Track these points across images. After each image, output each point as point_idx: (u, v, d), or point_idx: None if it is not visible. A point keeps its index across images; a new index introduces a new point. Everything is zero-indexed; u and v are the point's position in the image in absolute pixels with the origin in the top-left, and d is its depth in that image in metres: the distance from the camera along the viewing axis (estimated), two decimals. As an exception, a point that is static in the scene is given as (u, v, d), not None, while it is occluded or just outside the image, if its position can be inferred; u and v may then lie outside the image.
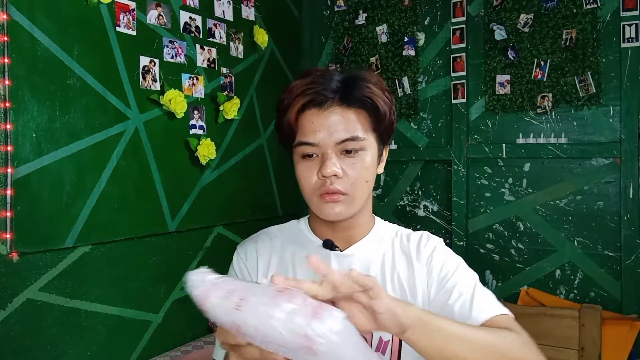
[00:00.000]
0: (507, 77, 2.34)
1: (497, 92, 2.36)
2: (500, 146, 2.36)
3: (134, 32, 1.87)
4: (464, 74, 2.45)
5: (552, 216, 2.27)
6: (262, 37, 2.47)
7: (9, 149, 1.50)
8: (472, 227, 2.45)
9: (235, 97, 2.30)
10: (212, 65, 2.21)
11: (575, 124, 2.23)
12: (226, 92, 2.27)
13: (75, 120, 1.68)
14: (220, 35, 2.25)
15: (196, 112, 2.12)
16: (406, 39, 2.57)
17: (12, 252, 1.52)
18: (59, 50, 1.63)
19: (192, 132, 2.10)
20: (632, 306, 2.09)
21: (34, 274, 1.58)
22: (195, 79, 2.11)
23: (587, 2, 2.17)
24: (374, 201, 1.05)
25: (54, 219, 1.62)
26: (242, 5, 2.39)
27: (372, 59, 2.67)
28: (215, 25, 2.23)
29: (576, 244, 2.22)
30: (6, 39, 1.49)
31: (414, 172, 2.62)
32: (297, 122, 0.87)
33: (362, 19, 2.69)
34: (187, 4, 2.09)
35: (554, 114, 2.27)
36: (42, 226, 1.59)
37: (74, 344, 1.68)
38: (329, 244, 0.93)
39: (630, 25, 2.09)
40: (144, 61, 1.91)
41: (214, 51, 2.22)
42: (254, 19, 2.46)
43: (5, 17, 1.49)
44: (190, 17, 2.11)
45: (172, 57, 2.02)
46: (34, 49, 1.57)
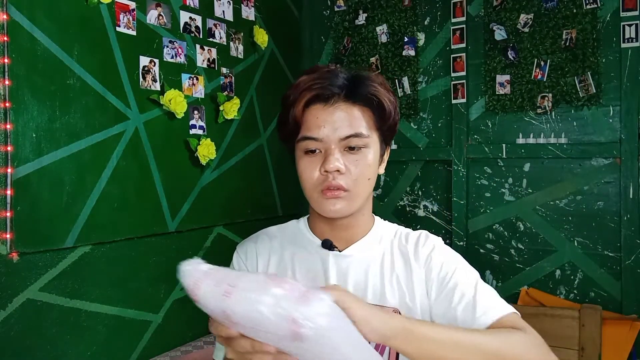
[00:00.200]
0: (507, 77, 2.34)
1: (497, 92, 2.36)
2: (500, 146, 2.36)
3: (134, 32, 1.87)
4: (464, 74, 2.45)
5: (552, 216, 2.27)
6: (262, 37, 2.47)
7: (9, 149, 1.50)
8: (472, 227, 2.45)
9: (235, 97, 2.30)
10: (212, 65, 2.21)
11: (575, 124, 2.23)
12: (226, 92, 2.28)
13: (75, 120, 1.68)
14: (220, 35, 2.25)
15: (196, 112, 2.12)
16: (406, 39, 2.57)
17: (12, 252, 1.52)
18: (59, 50, 1.63)
19: (192, 132, 2.10)
20: (632, 306, 2.08)
21: (34, 274, 1.58)
22: (195, 79, 2.11)
23: (587, 2, 2.17)
24: (373, 201, 1.04)
25: (54, 219, 1.62)
26: (242, 5, 2.39)
27: (372, 59, 2.67)
28: (215, 25, 2.23)
29: (576, 244, 2.22)
30: (6, 39, 1.50)
31: (414, 172, 2.62)
32: (303, 117, 0.87)
33: (362, 19, 2.69)
34: (187, 4, 2.09)
35: (554, 114, 2.26)
36: (42, 226, 1.59)
37: (74, 344, 1.68)
38: (327, 244, 0.93)
39: (630, 25, 2.09)
40: (144, 61, 1.91)
41: (214, 51, 2.22)
42: (254, 19, 2.46)
43: (5, 17, 1.49)
44: (190, 17, 2.11)
45: (172, 57, 2.02)
46: (34, 49, 1.57)
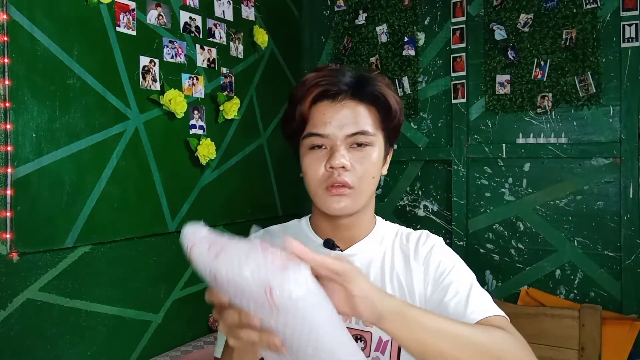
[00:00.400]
0: (507, 77, 2.34)
1: (497, 92, 2.36)
2: (500, 146, 2.36)
3: (134, 32, 1.87)
4: (464, 74, 2.45)
5: (552, 216, 2.27)
6: (262, 37, 2.47)
7: (9, 149, 1.50)
8: (472, 227, 2.45)
9: (235, 97, 2.30)
10: (212, 65, 2.21)
11: (575, 124, 2.23)
12: (226, 92, 2.27)
13: (75, 120, 1.68)
14: (220, 35, 2.25)
15: (196, 112, 2.12)
16: (406, 39, 2.57)
17: (12, 252, 1.52)
18: (59, 50, 1.63)
19: (192, 132, 2.10)
20: (632, 306, 2.09)
21: (34, 274, 1.58)
22: (195, 79, 2.11)
23: (587, 2, 2.17)
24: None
25: (54, 219, 1.62)
26: (242, 5, 2.39)
27: (372, 59, 2.67)
28: (215, 25, 2.23)
29: (576, 244, 2.22)
30: (6, 39, 1.50)
31: (414, 172, 2.62)
32: (309, 114, 0.88)
33: (362, 19, 2.69)
34: (187, 4, 2.09)
35: (554, 114, 2.27)
36: (42, 226, 1.59)
37: (74, 344, 1.68)
38: (329, 244, 0.93)
39: (630, 25, 2.10)
40: (144, 61, 1.91)
41: (214, 51, 2.22)
42: (254, 19, 2.46)
43: (5, 17, 1.49)
44: (190, 17, 2.11)
45: (172, 57, 2.02)
46: (34, 49, 1.57)
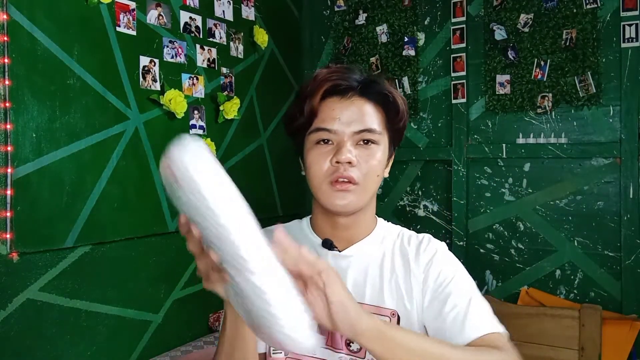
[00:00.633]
0: (507, 77, 2.34)
1: (497, 92, 2.36)
2: (500, 146, 2.35)
3: (134, 32, 1.87)
4: (464, 74, 2.45)
5: (552, 216, 2.27)
6: (262, 37, 2.47)
7: (9, 149, 1.50)
8: (472, 227, 2.45)
9: (235, 97, 2.30)
10: (212, 65, 2.21)
11: (575, 124, 2.23)
12: (226, 92, 2.27)
13: (75, 120, 1.68)
14: (220, 35, 2.25)
15: (196, 112, 2.12)
16: (406, 39, 2.57)
17: (12, 252, 1.52)
18: (59, 50, 1.63)
19: (192, 132, 2.10)
20: (632, 306, 2.08)
21: (34, 274, 1.58)
22: (195, 79, 2.11)
23: (587, 2, 2.17)
24: (373, 201, 1.04)
25: (54, 219, 1.62)
26: (242, 5, 2.39)
27: (372, 59, 2.67)
28: (215, 25, 2.23)
29: (576, 244, 2.22)
30: (6, 39, 1.50)
31: (414, 172, 2.62)
32: (319, 108, 0.88)
33: (362, 19, 2.69)
34: (187, 4, 2.09)
35: (554, 114, 2.26)
36: (42, 226, 1.59)
37: (74, 344, 1.68)
38: (327, 244, 0.93)
39: (630, 25, 2.09)
40: (144, 61, 1.91)
41: (214, 51, 2.22)
42: (254, 19, 2.46)
43: (5, 17, 1.49)
44: (190, 17, 2.11)
45: (172, 57, 2.02)
46: (34, 49, 1.57)
